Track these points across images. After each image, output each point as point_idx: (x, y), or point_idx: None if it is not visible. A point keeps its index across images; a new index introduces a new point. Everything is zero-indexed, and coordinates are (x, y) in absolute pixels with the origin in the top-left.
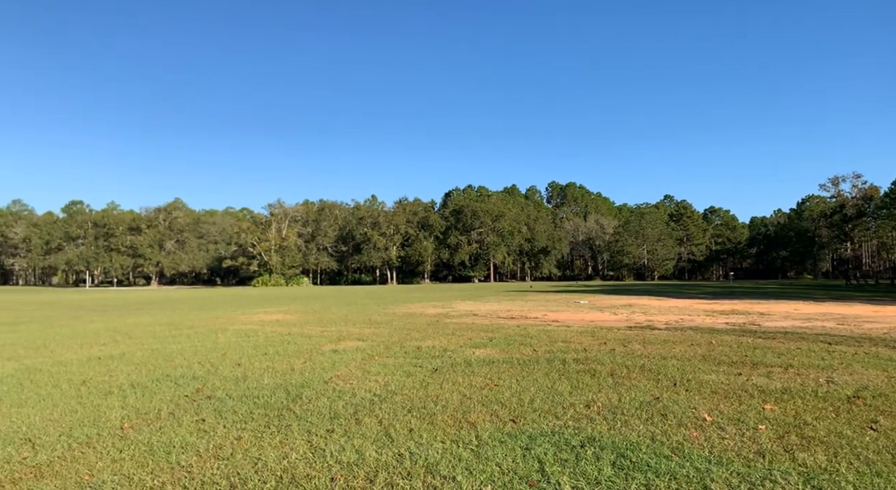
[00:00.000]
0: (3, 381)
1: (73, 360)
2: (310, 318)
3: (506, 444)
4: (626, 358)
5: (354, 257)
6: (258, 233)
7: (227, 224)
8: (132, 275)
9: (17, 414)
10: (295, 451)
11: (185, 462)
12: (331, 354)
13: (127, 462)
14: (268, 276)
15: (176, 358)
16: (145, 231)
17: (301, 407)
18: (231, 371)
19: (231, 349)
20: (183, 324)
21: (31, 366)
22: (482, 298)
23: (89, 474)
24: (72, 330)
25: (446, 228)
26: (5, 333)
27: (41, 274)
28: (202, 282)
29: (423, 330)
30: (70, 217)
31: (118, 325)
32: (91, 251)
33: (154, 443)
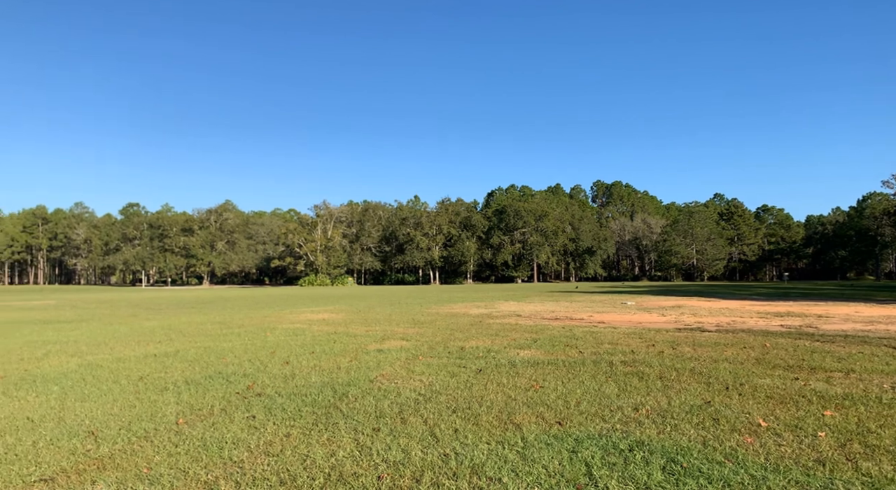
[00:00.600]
0: (67, 377)
1: (131, 356)
2: (355, 317)
3: (552, 446)
4: (675, 360)
5: (397, 257)
6: (304, 233)
7: (274, 225)
8: (185, 274)
9: (81, 408)
10: (342, 449)
11: (236, 458)
12: (376, 354)
13: (182, 456)
14: (314, 275)
15: (227, 355)
16: (197, 232)
17: (347, 405)
18: (280, 369)
19: (279, 347)
20: (233, 322)
21: (92, 362)
22: (526, 299)
23: (147, 467)
24: (129, 328)
25: (489, 228)
26: (69, 330)
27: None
28: (251, 281)
29: (466, 330)
30: (127, 219)
31: (172, 323)
32: (146, 252)
33: (207, 438)
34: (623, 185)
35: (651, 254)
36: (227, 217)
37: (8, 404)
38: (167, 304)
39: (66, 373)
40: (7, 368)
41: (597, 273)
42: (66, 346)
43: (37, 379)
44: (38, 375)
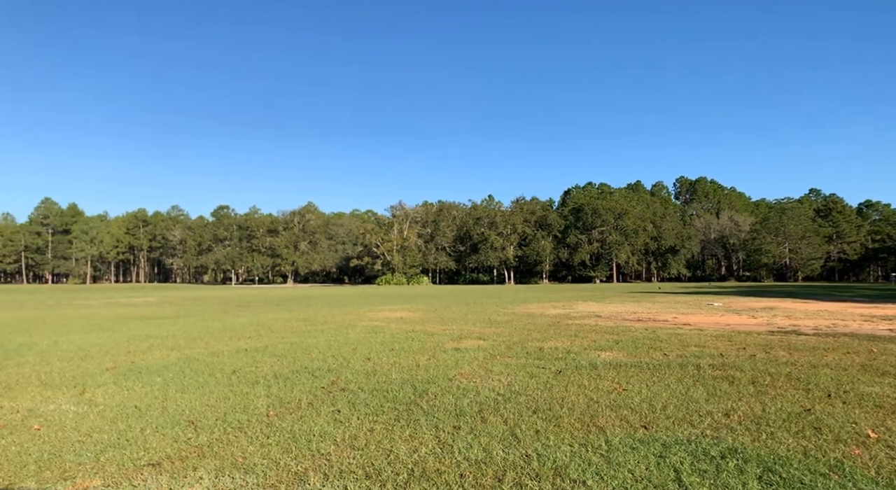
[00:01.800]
0: (168, 369)
1: (224, 351)
2: (431, 316)
3: (638, 450)
4: (768, 365)
5: (472, 257)
6: (381, 233)
7: (353, 225)
8: (271, 273)
9: (181, 398)
10: (424, 446)
11: (324, 450)
12: (453, 352)
13: (273, 447)
14: (390, 274)
15: (312, 351)
16: (282, 233)
17: (428, 402)
18: (362, 365)
19: (361, 344)
20: (317, 319)
21: (190, 356)
22: (605, 299)
23: (242, 457)
24: (222, 323)
25: (565, 227)
26: (168, 326)
27: (194, 272)
28: (332, 280)
29: (544, 331)
30: (218, 220)
31: (261, 319)
32: (236, 252)
33: (296, 431)
34: (708, 181)
35: (739, 253)
36: (310, 218)
37: (118, 393)
38: (255, 301)
39: (167, 365)
40: (117, 360)
41: (680, 273)
42: (166, 341)
43: (142, 370)
44: (143, 367)
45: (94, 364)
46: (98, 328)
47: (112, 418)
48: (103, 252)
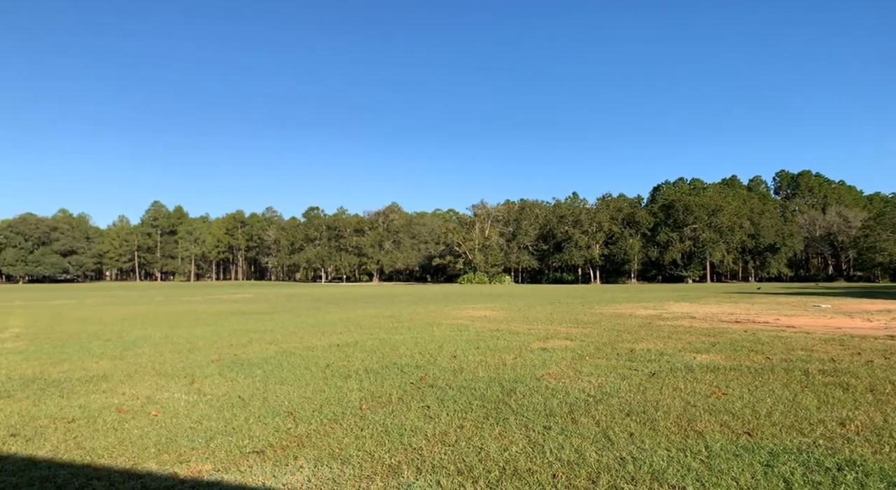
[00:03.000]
0: (267, 362)
1: (317, 345)
2: (515, 315)
3: (741, 458)
4: (889, 372)
5: (555, 256)
6: (463, 232)
7: (435, 225)
8: (357, 271)
9: (280, 390)
10: (515, 445)
11: (415, 445)
12: (540, 352)
13: (367, 440)
14: (472, 273)
15: (400, 347)
16: (368, 232)
17: (516, 402)
18: (448, 363)
19: (446, 342)
20: (403, 317)
21: (286, 349)
22: (699, 300)
23: (339, 448)
24: (314, 319)
25: (655, 225)
26: (265, 321)
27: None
28: (415, 278)
29: (634, 332)
30: (309, 221)
31: (350, 316)
32: (325, 251)
33: (388, 424)
34: (812, 174)
35: (849, 251)
36: (393, 218)
37: (224, 384)
38: (344, 298)
39: (266, 358)
40: (221, 353)
41: (781, 273)
42: (264, 335)
43: (244, 363)
44: (244, 360)
45: (201, 356)
46: (203, 323)
47: (219, 407)
48: (205, 251)
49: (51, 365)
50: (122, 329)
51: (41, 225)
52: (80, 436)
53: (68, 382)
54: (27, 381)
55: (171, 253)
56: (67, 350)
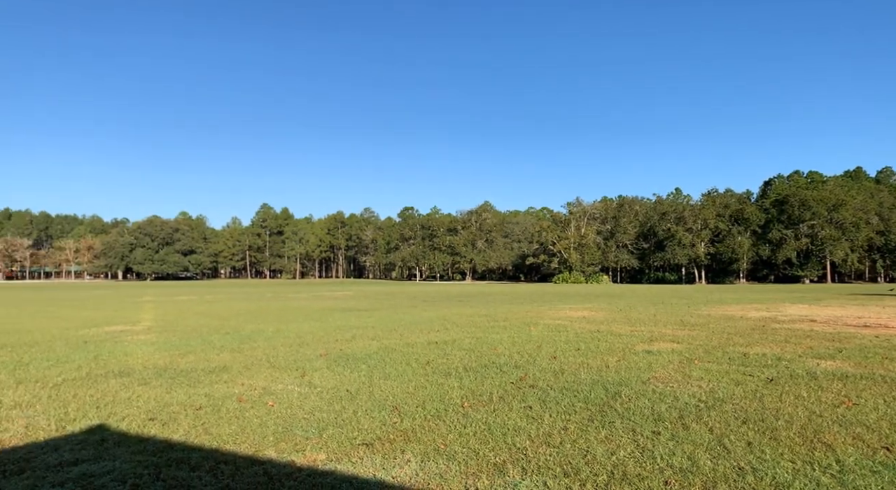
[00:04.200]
0: (371, 357)
1: (417, 342)
2: (616, 316)
3: (880, 475)
4: None
5: (657, 255)
6: (558, 231)
7: (528, 223)
8: (450, 270)
9: (384, 385)
10: (622, 449)
11: (519, 444)
12: (644, 355)
13: (471, 437)
14: (568, 273)
15: (497, 347)
16: (460, 232)
17: (622, 405)
18: (548, 363)
19: (545, 342)
20: (498, 316)
21: (388, 346)
22: (819, 302)
23: (443, 444)
24: (412, 317)
25: (766, 222)
26: (366, 318)
27: (384, 269)
28: (508, 278)
29: (746, 335)
30: (404, 221)
31: (446, 314)
32: (419, 250)
33: (491, 423)
34: None
35: None
36: (486, 217)
37: (332, 377)
38: (438, 297)
39: (369, 354)
40: (327, 347)
41: None
42: (366, 331)
43: (349, 357)
44: (349, 355)
45: (310, 350)
46: (309, 318)
47: (329, 400)
48: (309, 250)
49: (178, 356)
50: (237, 324)
51: (165, 227)
52: (207, 422)
53: (194, 372)
54: (160, 371)
55: (279, 252)
56: (192, 342)
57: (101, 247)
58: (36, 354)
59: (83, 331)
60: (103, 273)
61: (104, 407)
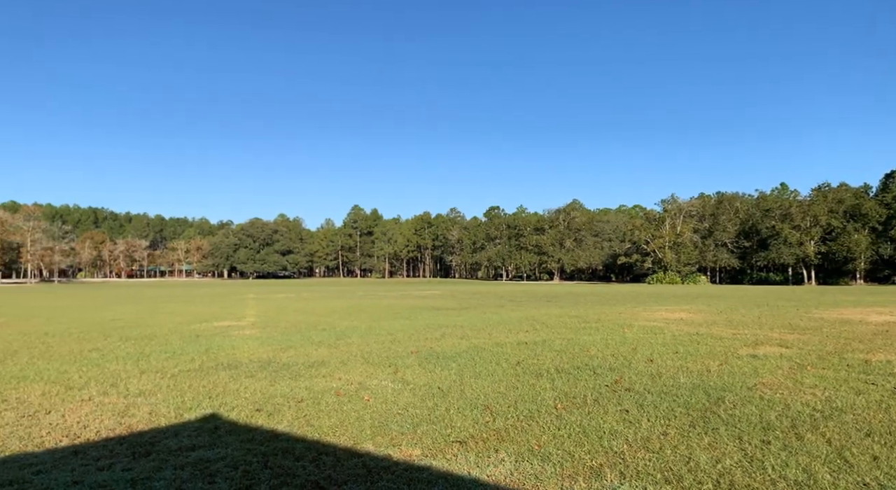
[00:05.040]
0: (461, 356)
1: (506, 342)
2: (716, 318)
3: None
4: None
5: (759, 254)
6: (651, 229)
7: (620, 222)
8: (537, 270)
9: (475, 384)
10: (728, 457)
11: (616, 448)
12: (749, 359)
13: (566, 439)
14: (662, 273)
15: (590, 348)
16: (548, 231)
17: (725, 411)
18: (644, 366)
19: (640, 345)
20: (589, 317)
21: (477, 345)
22: None
23: (537, 445)
24: (500, 317)
25: (888, 218)
26: (454, 316)
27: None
28: (597, 278)
29: (868, 340)
30: (490, 220)
31: (534, 314)
32: (505, 249)
33: (585, 425)
34: None
35: None
36: (575, 215)
37: (423, 375)
38: (525, 297)
39: (459, 353)
40: (418, 345)
41: None
42: (455, 330)
43: (439, 356)
44: (439, 353)
45: (401, 347)
46: (399, 316)
47: (422, 396)
48: (397, 250)
49: (280, 350)
50: (332, 320)
51: (265, 228)
52: (308, 414)
53: (295, 366)
54: (264, 364)
55: (369, 252)
56: (292, 338)
57: (208, 247)
58: (155, 347)
59: (195, 325)
60: (210, 272)
61: (216, 397)
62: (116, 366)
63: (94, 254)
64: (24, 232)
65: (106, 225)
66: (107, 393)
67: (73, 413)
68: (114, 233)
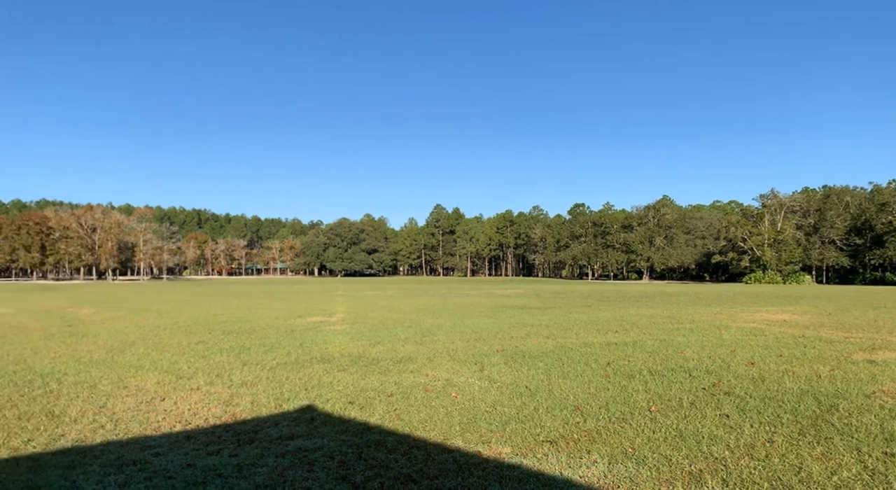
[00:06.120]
0: (547, 355)
1: (594, 342)
2: (824, 320)
3: None
4: None
5: (874, 252)
6: (748, 226)
7: (714, 218)
8: (625, 269)
9: (563, 384)
10: (845, 469)
11: (717, 454)
12: (866, 365)
13: (661, 443)
14: (761, 272)
15: (685, 350)
16: (636, 228)
17: (840, 420)
18: (745, 370)
19: (739, 347)
20: (682, 318)
21: (563, 344)
22: None
23: (631, 448)
24: (587, 316)
25: None
26: (538, 316)
27: (553, 267)
28: (689, 277)
29: None
30: (574, 218)
31: (623, 314)
32: (591, 248)
33: (682, 429)
34: None
35: None
36: (665, 212)
37: (510, 373)
38: (613, 296)
39: (545, 352)
40: (503, 344)
41: None
42: (540, 329)
43: (525, 355)
44: (525, 352)
45: (486, 345)
46: (483, 315)
47: (509, 395)
48: (479, 249)
49: (369, 346)
50: (417, 318)
51: (352, 228)
52: (398, 408)
53: (384, 361)
54: (355, 359)
55: (451, 251)
56: (380, 334)
57: (300, 246)
58: (254, 340)
59: (289, 321)
60: (302, 269)
61: (311, 389)
62: (221, 358)
63: (198, 253)
64: (137, 233)
65: (208, 226)
66: (213, 383)
67: (184, 401)
68: (215, 233)
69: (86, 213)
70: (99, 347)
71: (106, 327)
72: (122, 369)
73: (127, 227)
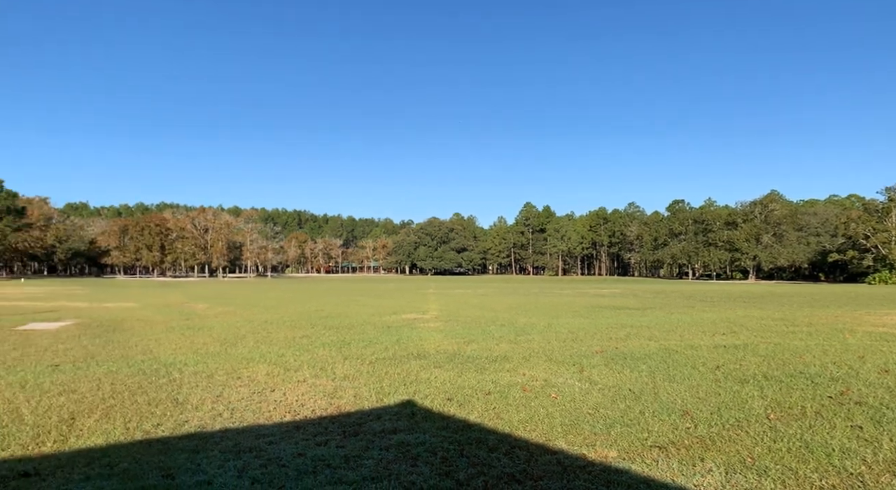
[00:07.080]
0: (650, 357)
1: (701, 345)
2: None
3: None
4: None
5: None
6: (872, 222)
7: (830, 214)
8: (729, 268)
9: (669, 387)
10: None
11: (851, 469)
12: None
13: (785, 454)
14: (887, 272)
15: (804, 355)
16: (741, 225)
17: None
18: (877, 377)
19: (868, 352)
20: (798, 320)
21: (667, 346)
22: None
23: (750, 457)
24: (690, 318)
25: None
26: (637, 316)
27: (650, 266)
28: (801, 277)
29: None
30: (673, 215)
31: (730, 316)
32: (691, 246)
33: (808, 440)
34: None
35: None
36: (773, 208)
37: (611, 375)
38: (717, 297)
39: (648, 354)
40: (602, 345)
41: None
42: (640, 330)
43: (626, 356)
44: (626, 353)
45: (584, 346)
46: (578, 315)
47: (612, 397)
48: (570, 247)
49: (464, 343)
50: (510, 316)
51: (442, 227)
52: (497, 407)
53: (479, 360)
54: (450, 356)
55: (541, 249)
56: (473, 332)
57: (392, 245)
58: (354, 336)
59: (385, 317)
60: (394, 268)
61: (409, 384)
62: (324, 351)
63: (299, 251)
64: (244, 233)
65: (307, 226)
66: (318, 375)
67: (293, 392)
68: (314, 233)
69: (199, 215)
70: (213, 340)
71: (219, 321)
72: (235, 361)
73: (235, 227)
